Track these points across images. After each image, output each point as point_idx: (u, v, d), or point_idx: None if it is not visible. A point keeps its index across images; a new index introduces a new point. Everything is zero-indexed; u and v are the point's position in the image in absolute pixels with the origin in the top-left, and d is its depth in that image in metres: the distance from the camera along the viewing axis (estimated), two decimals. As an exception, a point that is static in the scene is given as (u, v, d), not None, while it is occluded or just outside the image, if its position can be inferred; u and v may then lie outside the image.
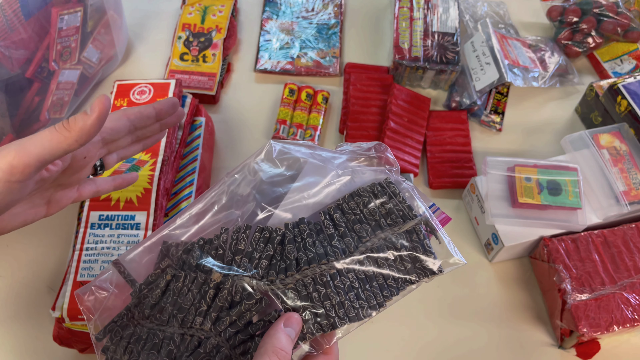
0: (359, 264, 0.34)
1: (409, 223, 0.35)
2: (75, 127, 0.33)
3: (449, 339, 0.50)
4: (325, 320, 0.33)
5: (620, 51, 0.70)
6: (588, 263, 0.50)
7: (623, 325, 0.46)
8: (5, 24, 0.46)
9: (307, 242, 0.35)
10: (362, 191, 0.37)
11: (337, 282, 0.34)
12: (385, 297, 0.35)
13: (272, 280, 0.34)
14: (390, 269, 0.35)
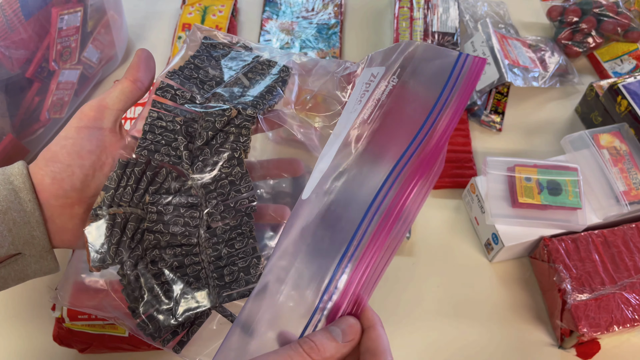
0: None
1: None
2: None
3: (449, 338, 0.50)
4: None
5: (620, 51, 0.70)
6: (588, 263, 0.50)
7: (623, 325, 0.46)
8: (5, 24, 0.46)
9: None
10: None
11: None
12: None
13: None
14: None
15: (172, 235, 0.32)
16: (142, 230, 0.33)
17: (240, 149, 0.34)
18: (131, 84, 0.35)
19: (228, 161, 0.33)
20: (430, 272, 0.54)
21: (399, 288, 0.53)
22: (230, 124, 0.34)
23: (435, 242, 0.56)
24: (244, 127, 0.34)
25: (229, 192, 0.33)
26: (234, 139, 0.34)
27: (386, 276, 0.53)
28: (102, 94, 0.35)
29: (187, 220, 0.33)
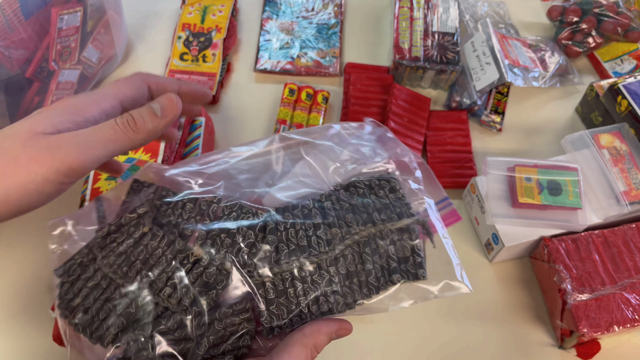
0: (342, 257, 0.32)
1: (403, 221, 0.33)
2: (144, 129, 0.30)
3: (449, 339, 0.50)
4: (297, 317, 0.31)
5: (620, 51, 0.70)
6: (588, 263, 0.50)
7: (623, 325, 0.46)
8: (5, 24, 0.46)
9: (289, 232, 0.32)
10: (358, 182, 0.35)
11: (315, 276, 0.32)
12: (365, 295, 0.32)
13: (250, 271, 0.32)
14: (373, 266, 0.32)
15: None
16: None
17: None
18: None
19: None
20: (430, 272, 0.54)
21: (399, 288, 0.53)
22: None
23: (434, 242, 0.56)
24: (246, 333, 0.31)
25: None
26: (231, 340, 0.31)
27: (386, 276, 0.53)
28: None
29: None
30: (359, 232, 0.32)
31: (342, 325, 0.31)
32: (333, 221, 0.33)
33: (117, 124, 0.30)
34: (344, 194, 0.34)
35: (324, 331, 0.30)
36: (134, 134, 0.30)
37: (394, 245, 0.32)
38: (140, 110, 0.30)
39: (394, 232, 0.33)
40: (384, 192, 0.34)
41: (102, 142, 0.29)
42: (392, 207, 0.33)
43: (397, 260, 0.32)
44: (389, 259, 0.32)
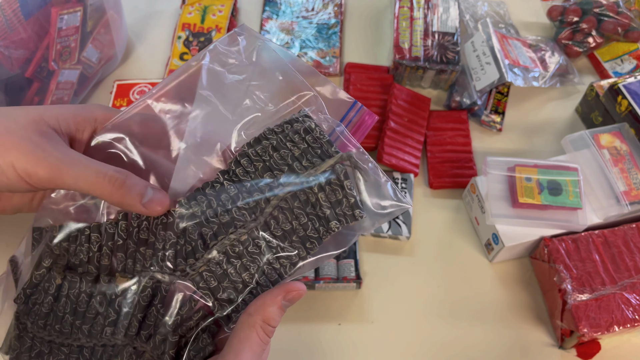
0: (273, 219, 0.30)
1: (326, 163, 0.30)
2: (121, 197, 0.30)
3: (449, 339, 0.50)
4: (250, 295, 0.30)
5: (620, 51, 0.70)
6: (588, 263, 0.50)
7: (623, 325, 0.46)
8: (5, 24, 0.46)
9: (207, 215, 0.30)
10: (268, 133, 0.31)
11: (251, 247, 0.30)
12: (308, 249, 0.30)
13: (183, 269, 0.30)
14: (308, 218, 0.30)
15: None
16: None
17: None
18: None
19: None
20: (430, 272, 0.54)
21: (398, 288, 0.53)
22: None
23: (435, 242, 0.56)
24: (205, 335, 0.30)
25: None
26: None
27: (386, 276, 0.53)
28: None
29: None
30: (283, 188, 0.30)
31: (289, 288, 0.30)
32: (251, 185, 0.30)
33: (105, 173, 0.30)
34: (256, 149, 0.31)
35: (269, 303, 0.29)
36: (109, 193, 0.30)
37: (323, 192, 0.30)
38: (135, 181, 0.30)
39: (320, 176, 0.30)
40: (300, 136, 0.31)
41: (80, 175, 0.29)
42: (311, 151, 0.31)
43: (331, 205, 0.30)
44: (321, 207, 0.30)
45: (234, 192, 0.30)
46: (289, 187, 0.30)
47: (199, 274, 0.30)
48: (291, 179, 0.30)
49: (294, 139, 0.31)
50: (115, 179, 0.30)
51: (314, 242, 0.30)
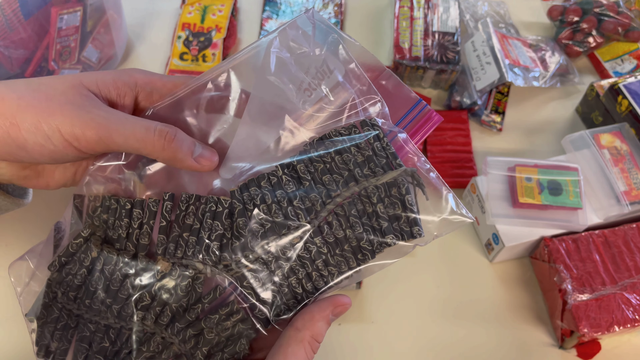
0: (327, 225, 0.29)
1: (389, 174, 0.29)
2: (171, 152, 0.29)
3: (449, 339, 0.50)
4: (293, 299, 0.29)
5: (621, 51, 0.70)
6: (589, 263, 0.49)
7: (624, 325, 0.46)
8: (4, 24, 0.46)
9: (261, 210, 0.29)
10: (334, 134, 0.30)
11: (301, 251, 0.29)
12: (360, 260, 0.29)
13: (228, 265, 0.29)
14: (363, 229, 0.29)
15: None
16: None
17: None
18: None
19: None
20: (431, 273, 0.54)
21: (399, 288, 0.53)
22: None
23: (435, 242, 0.56)
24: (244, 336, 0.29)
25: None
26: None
27: (386, 276, 0.53)
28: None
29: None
30: (341, 194, 0.29)
31: (337, 302, 0.29)
32: (310, 186, 0.29)
33: (154, 128, 0.29)
34: (318, 149, 0.30)
35: (318, 318, 0.28)
36: (160, 148, 0.29)
37: (382, 203, 0.29)
38: (184, 136, 0.29)
39: (380, 188, 0.29)
40: (366, 143, 0.30)
41: (129, 133, 0.28)
42: (376, 160, 0.29)
43: (389, 218, 0.29)
44: (379, 218, 0.29)
45: (292, 190, 0.29)
46: (346, 193, 0.29)
47: (244, 272, 0.29)
48: (350, 186, 0.29)
49: (360, 144, 0.30)
50: (165, 133, 0.29)
51: (366, 255, 0.29)
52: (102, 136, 0.28)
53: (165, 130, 0.29)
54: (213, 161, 0.30)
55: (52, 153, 0.29)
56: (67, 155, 0.29)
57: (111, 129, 0.28)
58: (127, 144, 0.28)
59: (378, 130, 0.30)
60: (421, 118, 0.32)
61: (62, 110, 0.28)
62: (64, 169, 0.33)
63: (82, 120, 0.28)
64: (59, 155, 0.29)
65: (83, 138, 0.28)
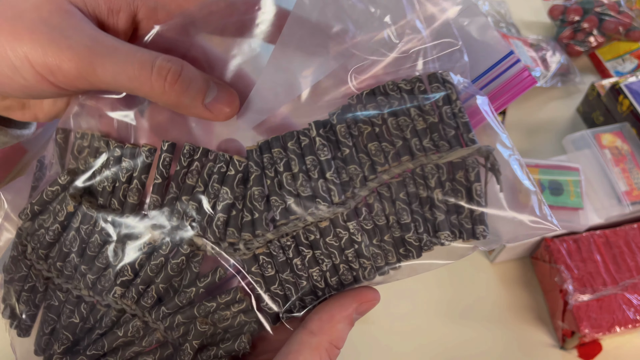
0: (366, 208, 0.23)
1: (458, 152, 0.22)
2: (175, 96, 0.22)
3: (450, 339, 0.50)
4: (311, 295, 0.23)
5: (622, 50, 0.70)
6: (590, 263, 0.49)
7: (625, 326, 0.46)
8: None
9: (284, 179, 0.23)
10: (391, 87, 0.23)
11: (329, 238, 0.23)
12: (401, 256, 0.23)
13: (234, 243, 0.23)
14: (412, 218, 0.23)
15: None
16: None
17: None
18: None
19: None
20: (431, 273, 0.54)
21: (399, 289, 0.53)
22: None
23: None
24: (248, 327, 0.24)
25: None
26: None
27: (387, 277, 0.53)
28: None
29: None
30: (390, 170, 0.22)
31: (362, 297, 0.23)
32: (350, 154, 0.23)
33: (153, 62, 0.21)
34: (366, 106, 0.23)
35: (338, 318, 0.23)
36: (160, 90, 0.22)
37: (441, 188, 0.23)
38: (193, 74, 0.22)
39: (442, 168, 0.23)
40: (432, 106, 0.23)
41: (118, 69, 0.21)
42: (442, 130, 0.22)
43: (447, 210, 0.23)
44: (434, 207, 0.23)
45: (326, 157, 0.22)
46: (396, 169, 0.22)
47: (254, 255, 0.23)
48: (403, 161, 0.22)
49: (423, 106, 0.23)
50: (167, 70, 0.22)
51: (410, 251, 0.23)
52: (83, 71, 0.21)
53: (166, 67, 0.22)
54: (231, 108, 0.23)
55: (24, 88, 0.22)
56: (43, 91, 0.22)
57: (95, 63, 0.21)
58: (116, 83, 0.22)
59: (450, 90, 0.23)
60: (511, 78, 0.24)
61: (32, 32, 0.21)
62: (53, 99, 0.26)
63: (58, 47, 0.21)
64: (33, 90, 0.22)
65: (59, 72, 0.21)
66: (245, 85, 0.24)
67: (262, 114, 0.24)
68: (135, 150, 0.24)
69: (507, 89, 0.24)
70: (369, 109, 0.23)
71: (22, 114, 0.27)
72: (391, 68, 0.23)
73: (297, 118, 0.24)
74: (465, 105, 0.23)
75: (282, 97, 0.23)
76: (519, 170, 0.23)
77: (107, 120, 0.24)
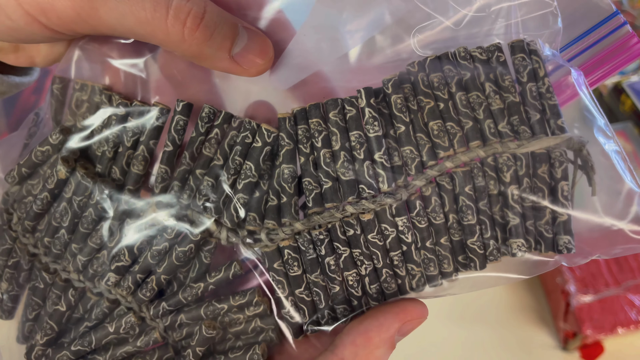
0: (420, 201, 0.19)
1: (542, 140, 0.18)
2: (197, 45, 0.18)
3: (451, 340, 0.50)
4: (344, 304, 0.19)
5: (623, 49, 0.70)
6: (592, 264, 0.49)
7: (627, 327, 0.46)
8: None
9: (322, 157, 0.18)
10: (463, 54, 0.18)
11: (372, 235, 0.19)
12: (460, 264, 0.19)
13: (254, 232, 0.20)
14: (477, 220, 0.19)
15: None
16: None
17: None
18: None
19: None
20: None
21: (400, 289, 0.52)
22: None
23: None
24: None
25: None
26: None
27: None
28: None
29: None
30: (455, 156, 0.19)
31: (408, 313, 0.19)
32: (406, 133, 0.18)
33: (169, 3, 0.17)
34: (429, 77, 0.18)
35: (378, 341, 0.18)
36: (178, 38, 0.18)
37: (518, 185, 0.18)
38: (218, 16, 0.18)
39: (520, 159, 0.18)
40: (512, 82, 0.18)
41: (127, 11, 0.17)
42: (523, 112, 0.18)
43: (523, 213, 0.19)
44: (507, 208, 0.19)
45: (376, 134, 0.18)
46: (463, 156, 0.18)
47: (278, 249, 0.19)
48: (472, 146, 0.18)
49: (502, 80, 0.18)
50: (186, 13, 0.17)
51: (472, 260, 0.19)
52: (82, 11, 0.17)
53: (186, 8, 0.17)
54: (265, 60, 0.19)
55: (10, 30, 0.19)
56: (35, 34, 0.19)
57: (96, 1, 0.17)
58: (123, 27, 0.18)
59: (538, 64, 0.18)
60: (613, 43, 0.19)
61: None
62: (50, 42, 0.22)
63: None
64: (22, 33, 0.19)
65: (52, 11, 0.17)
66: (283, 35, 0.19)
67: (301, 72, 0.19)
68: (144, 109, 0.20)
69: (606, 59, 0.19)
70: (433, 80, 0.18)
71: (15, 58, 0.23)
72: (464, 30, 0.19)
73: (343, 82, 0.19)
74: (557, 83, 0.19)
75: (326, 54, 0.19)
76: (621, 165, 0.18)
77: (112, 69, 0.20)
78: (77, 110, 0.21)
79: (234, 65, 0.19)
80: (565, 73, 0.19)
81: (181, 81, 0.21)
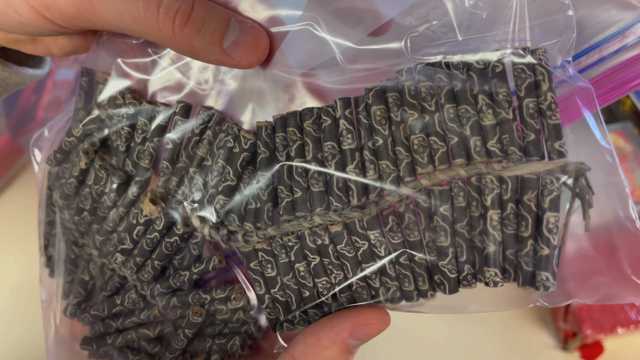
0: (394, 217, 0.18)
1: (533, 165, 0.17)
2: (188, 39, 0.18)
3: (450, 340, 0.50)
4: (316, 309, 0.20)
5: (623, 49, 0.70)
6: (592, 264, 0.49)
7: (627, 327, 0.46)
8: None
9: (294, 166, 0.19)
10: (457, 64, 0.17)
11: (341, 246, 0.19)
12: (435, 284, 0.19)
13: (231, 232, 0.21)
14: (452, 242, 0.18)
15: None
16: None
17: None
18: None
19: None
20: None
21: (400, 289, 0.52)
22: None
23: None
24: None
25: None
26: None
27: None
28: None
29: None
30: (435, 174, 0.17)
31: (361, 319, 0.19)
32: (384, 146, 0.17)
33: (160, 2, 0.18)
34: (415, 87, 0.17)
35: (326, 343, 0.19)
36: (169, 34, 0.18)
37: (499, 212, 0.17)
38: (207, 12, 0.18)
39: (506, 183, 0.17)
40: (507, 96, 0.17)
41: (122, 8, 0.18)
42: (516, 130, 0.17)
43: (503, 240, 0.18)
44: (485, 234, 0.18)
45: (349, 146, 0.18)
46: (442, 175, 0.17)
47: (254, 250, 0.20)
48: (455, 164, 0.17)
49: (496, 94, 0.17)
50: (174, 10, 0.18)
51: (443, 283, 0.19)
52: (82, 8, 0.19)
53: (175, 6, 0.18)
54: (256, 53, 0.19)
55: (20, 24, 0.20)
56: (42, 28, 0.20)
57: (94, 0, 0.18)
58: (120, 24, 0.19)
59: (542, 75, 0.16)
60: (635, 57, 0.16)
61: None
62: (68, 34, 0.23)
63: None
64: (30, 27, 0.20)
65: (55, 8, 0.19)
66: (280, 28, 0.19)
67: (297, 68, 0.18)
68: (151, 110, 0.21)
69: (624, 74, 0.16)
70: (421, 89, 0.17)
71: (33, 48, 0.24)
72: (466, 33, 0.17)
73: (339, 84, 0.18)
74: (562, 97, 0.16)
75: (315, 53, 0.18)
76: (618, 199, 0.15)
77: (127, 65, 0.22)
78: (101, 104, 0.23)
79: (226, 57, 0.19)
80: (574, 86, 0.16)
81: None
